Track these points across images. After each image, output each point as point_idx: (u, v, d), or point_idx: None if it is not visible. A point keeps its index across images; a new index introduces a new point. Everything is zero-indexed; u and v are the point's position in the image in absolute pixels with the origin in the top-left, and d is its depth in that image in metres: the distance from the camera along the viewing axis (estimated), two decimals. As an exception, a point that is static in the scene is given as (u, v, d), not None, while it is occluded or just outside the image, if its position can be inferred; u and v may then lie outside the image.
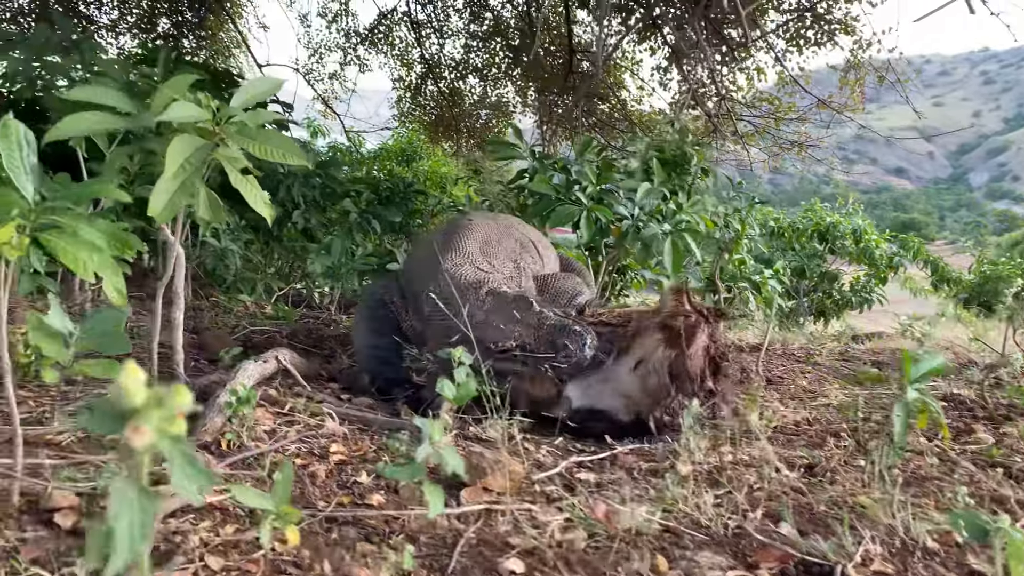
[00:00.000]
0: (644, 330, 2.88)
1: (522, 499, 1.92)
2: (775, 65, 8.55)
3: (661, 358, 2.82)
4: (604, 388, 2.83)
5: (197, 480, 0.66)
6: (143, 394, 0.62)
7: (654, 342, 2.84)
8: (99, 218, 1.56)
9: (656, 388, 2.78)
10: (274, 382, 2.89)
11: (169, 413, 0.62)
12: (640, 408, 2.79)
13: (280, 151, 2.21)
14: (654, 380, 2.80)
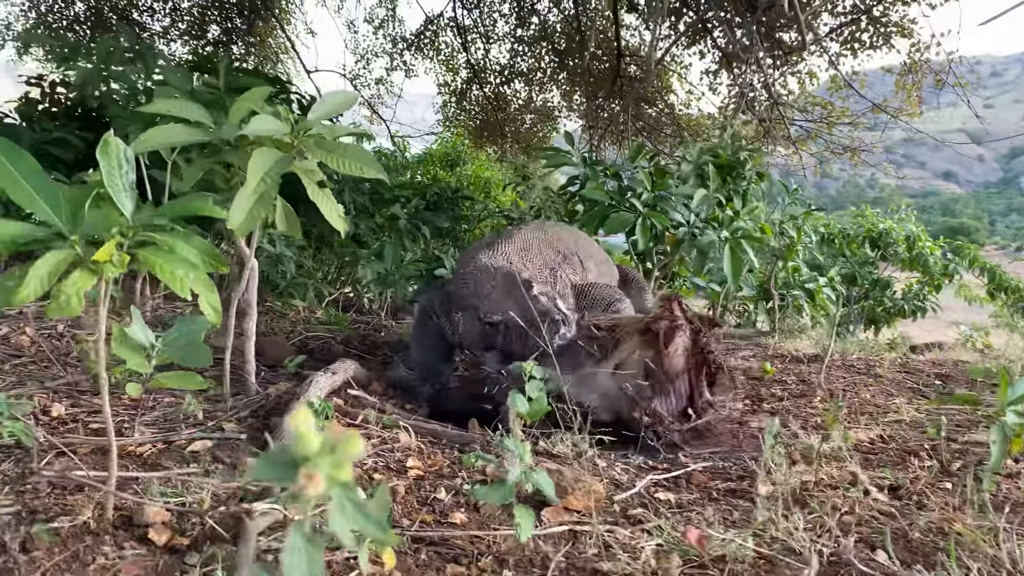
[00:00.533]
0: (627, 334, 2.96)
1: (605, 520, 1.88)
2: (828, 69, 8.40)
3: (638, 359, 2.89)
4: (586, 386, 2.91)
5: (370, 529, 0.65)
6: (317, 441, 0.60)
7: (634, 345, 2.93)
8: (193, 235, 1.56)
9: (633, 388, 2.84)
10: (341, 393, 2.89)
11: (339, 460, 0.61)
12: (619, 408, 2.86)
13: (358, 164, 2.21)
14: (629, 380, 2.85)
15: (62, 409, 2.43)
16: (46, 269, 1.37)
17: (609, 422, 2.81)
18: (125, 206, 1.50)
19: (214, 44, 11.62)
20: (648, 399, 2.84)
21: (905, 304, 10.54)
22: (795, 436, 2.75)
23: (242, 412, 2.51)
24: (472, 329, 3.27)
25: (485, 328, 3.20)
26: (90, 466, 1.91)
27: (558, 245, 4.02)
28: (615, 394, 2.83)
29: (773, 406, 3.80)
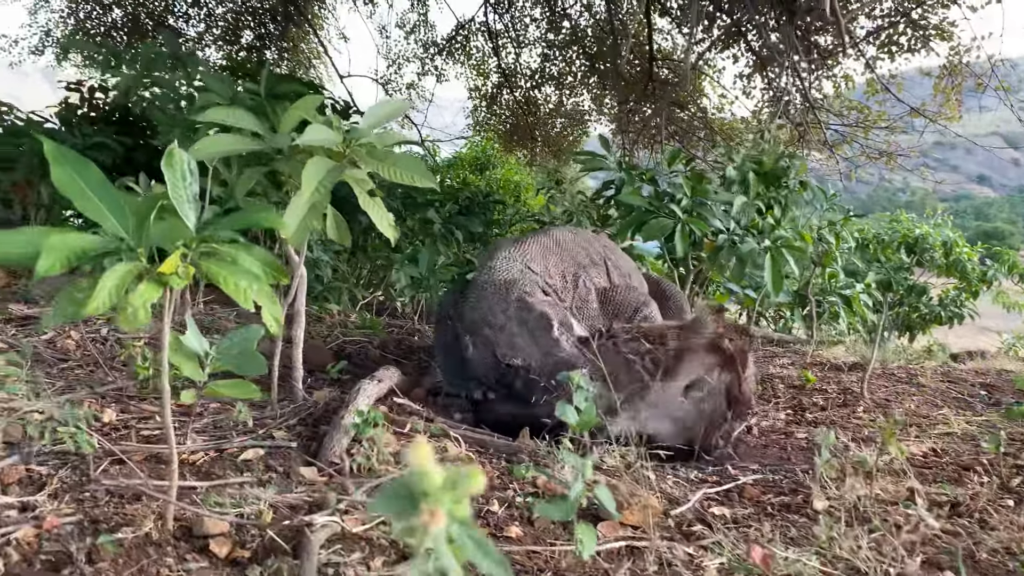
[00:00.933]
0: (690, 351, 2.82)
1: (662, 535, 1.85)
2: (865, 72, 8.28)
3: (718, 382, 2.78)
4: (652, 413, 2.76)
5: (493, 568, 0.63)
6: (440, 476, 0.59)
7: (706, 365, 2.79)
8: (255, 246, 1.56)
9: (712, 413, 2.72)
10: (386, 400, 2.89)
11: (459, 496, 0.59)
12: (694, 434, 2.74)
13: (409, 173, 2.20)
14: (710, 405, 2.74)
15: (113, 415, 2.45)
16: (114, 281, 1.37)
17: (678, 448, 2.72)
18: (189, 217, 1.50)
19: (248, 49, 11.75)
20: (728, 423, 2.76)
21: (942, 311, 10.36)
22: (845, 448, 2.70)
23: (291, 420, 2.51)
24: (484, 362, 3.11)
25: (501, 367, 3.03)
26: (145, 474, 1.91)
27: (587, 248, 3.96)
28: (691, 419, 2.72)
29: (816, 416, 3.75)
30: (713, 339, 2.78)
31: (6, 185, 5.56)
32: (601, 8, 10.01)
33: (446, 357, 3.62)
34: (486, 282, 3.33)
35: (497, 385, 3.03)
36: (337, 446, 2.19)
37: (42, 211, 5.78)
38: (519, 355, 2.95)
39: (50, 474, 1.87)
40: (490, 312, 3.14)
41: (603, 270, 3.88)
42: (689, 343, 2.81)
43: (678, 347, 2.82)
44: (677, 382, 2.75)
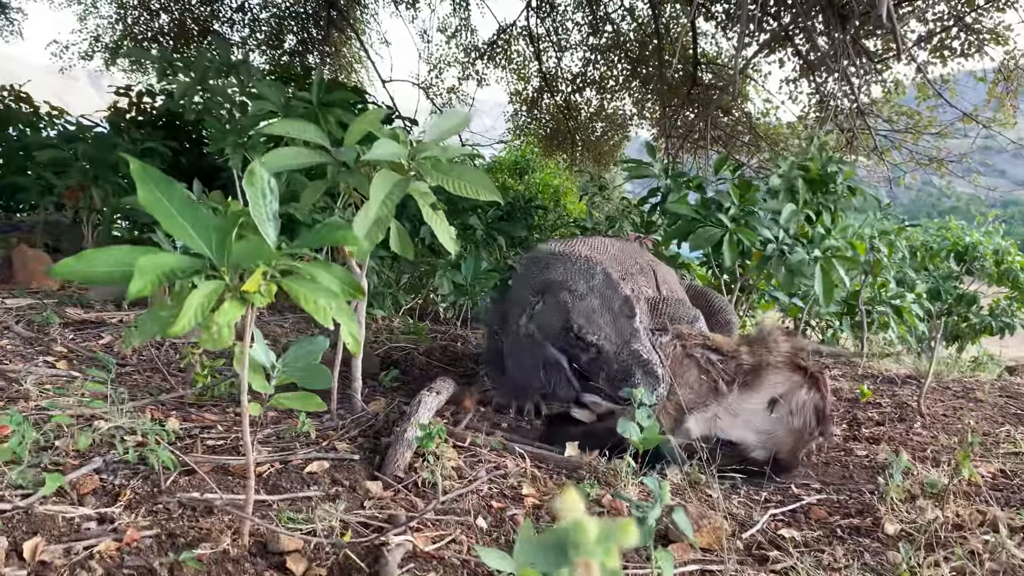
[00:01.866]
0: (769, 367, 2.83)
1: (735, 559, 1.82)
2: (916, 77, 8.13)
3: (805, 400, 2.77)
4: (734, 421, 2.78)
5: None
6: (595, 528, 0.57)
7: (791, 382, 2.80)
8: (333, 264, 1.56)
9: (802, 429, 2.73)
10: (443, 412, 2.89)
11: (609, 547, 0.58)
12: (780, 447, 2.73)
13: (474, 186, 2.20)
14: (799, 421, 2.73)
15: (177, 424, 2.48)
16: (200, 300, 1.38)
17: (761, 460, 2.70)
18: (269, 235, 1.51)
19: (290, 54, 11.90)
20: (816, 439, 2.75)
21: (992, 321, 10.10)
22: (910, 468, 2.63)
23: (351, 431, 2.51)
24: (550, 325, 2.99)
25: (570, 336, 2.93)
26: (214, 485, 1.93)
27: (634, 257, 3.91)
28: (779, 433, 2.71)
29: (873, 432, 3.67)
30: (793, 357, 2.77)
31: (59, 189, 5.68)
32: (644, 12, 9.96)
33: (496, 368, 3.60)
34: (563, 252, 3.25)
35: (559, 351, 2.98)
36: (401, 460, 2.18)
37: (93, 214, 5.90)
38: (596, 332, 2.88)
39: (122, 484, 1.89)
40: (570, 278, 3.05)
41: (652, 280, 3.82)
42: (767, 358, 2.80)
43: (756, 361, 2.82)
44: (759, 394, 2.76)
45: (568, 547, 0.59)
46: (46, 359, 3.18)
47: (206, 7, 11.50)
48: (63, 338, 3.58)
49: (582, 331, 2.89)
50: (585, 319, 2.90)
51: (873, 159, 8.90)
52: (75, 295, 4.62)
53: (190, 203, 1.44)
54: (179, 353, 3.65)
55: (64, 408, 2.33)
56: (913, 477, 2.53)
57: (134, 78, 11.50)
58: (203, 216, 1.45)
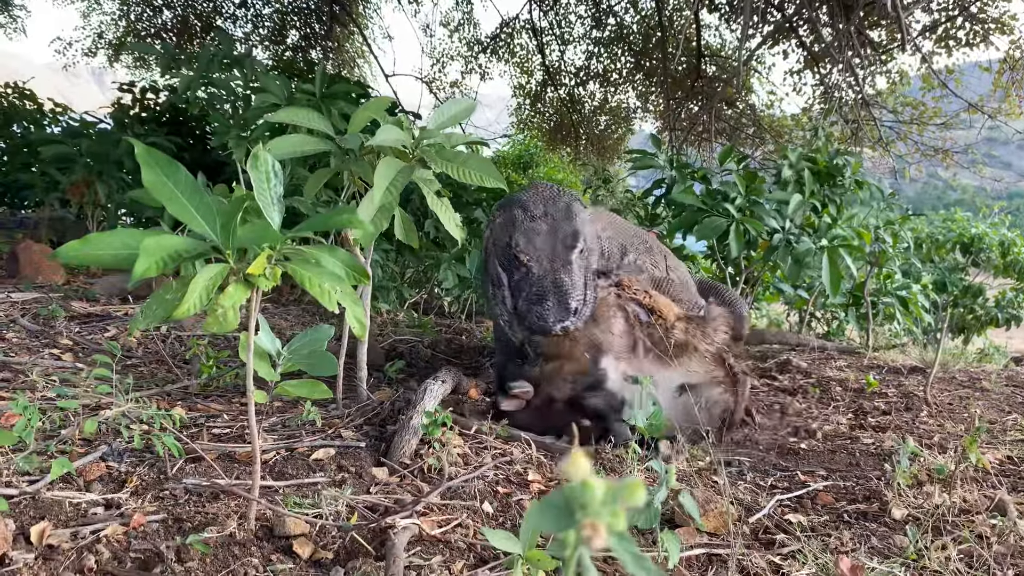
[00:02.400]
0: (695, 352, 2.81)
1: (741, 543, 1.81)
2: (920, 68, 8.09)
3: (718, 400, 2.80)
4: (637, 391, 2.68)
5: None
6: (602, 488, 0.57)
7: (710, 377, 2.81)
8: (339, 248, 1.56)
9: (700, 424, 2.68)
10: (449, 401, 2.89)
11: (615, 509, 0.57)
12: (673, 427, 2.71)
13: (478, 173, 2.19)
14: (704, 417, 2.71)
15: (183, 413, 2.48)
16: (204, 283, 1.38)
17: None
18: (274, 219, 1.51)
19: (293, 49, 11.89)
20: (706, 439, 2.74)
21: (998, 312, 10.07)
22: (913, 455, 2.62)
23: (357, 419, 2.52)
24: (499, 241, 2.93)
25: (509, 253, 2.83)
26: (221, 471, 1.93)
27: (644, 238, 3.87)
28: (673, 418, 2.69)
29: (879, 420, 3.66)
30: (723, 352, 2.75)
31: (64, 185, 5.69)
32: (648, 4, 9.93)
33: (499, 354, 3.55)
34: (543, 185, 3.21)
35: (502, 268, 2.91)
36: (407, 447, 2.18)
37: (98, 210, 5.91)
38: (530, 252, 2.79)
39: (129, 471, 1.90)
40: (531, 201, 2.98)
41: (661, 263, 3.79)
42: (698, 343, 2.78)
43: (685, 340, 2.79)
44: (673, 374, 2.74)
45: (575, 508, 0.58)
46: (52, 351, 3.19)
47: (209, 3, 11.50)
48: (69, 331, 3.58)
49: (517, 247, 2.81)
50: (525, 238, 2.83)
51: (878, 151, 8.86)
52: (81, 289, 4.63)
53: (195, 186, 1.44)
54: (184, 345, 3.65)
55: (70, 396, 2.33)
56: (920, 463, 2.52)
57: (138, 74, 11.51)
58: (207, 200, 1.45)
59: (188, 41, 11.14)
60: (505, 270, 2.89)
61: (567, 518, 0.58)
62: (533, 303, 2.65)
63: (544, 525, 0.59)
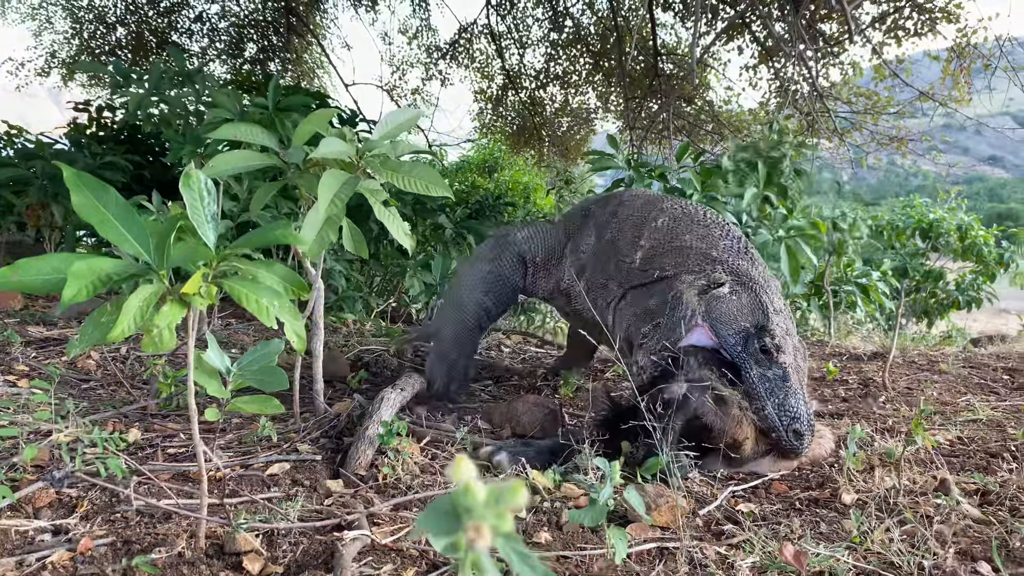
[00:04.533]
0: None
1: (691, 535, 1.84)
2: (872, 59, 8.24)
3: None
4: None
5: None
6: (484, 491, 0.59)
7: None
8: (275, 263, 1.56)
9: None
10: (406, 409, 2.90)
11: (501, 510, 0.59)
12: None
13: (424, 182, 2.21)
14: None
15: (138, 434, 2.47)
16: (138, 304, 1.38)
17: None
18: (209, 237, 1.51)
19: (252, 62, 11.82)
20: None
21: (959, 295, 10.28)
22: (870, 440, 2.68)
23: (314, 433, 2.52)
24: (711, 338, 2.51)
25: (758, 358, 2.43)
26: (174, 492, 1.92)
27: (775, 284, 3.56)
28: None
29: (838, 407, 3.72)
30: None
31: (20, 208, 5.60)
32: (603, 5, 10.00)
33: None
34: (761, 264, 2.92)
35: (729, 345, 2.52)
36: (363, 458, 2.19)
37: (56, 232, 5.83)
38: (787, 355, 2.46)
39: (80, 496, 1.88)
40: (771, 287, 2.71)
41: None
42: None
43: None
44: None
45: (460, 512, 0.60)
46: (7, 378, 3.15)
47: (163, 19, 11.39)
48: (25, 356, 3.53)
49: (776, 344, 2.45)
50: (782, 333, 2.52)
51: (835, 141, 9.01)
52: (38, 314, 4.56)
53: (125, 207, 1.43)
54: (144, 366, 3.62)
55: (22, 424, 2.31)
56: (871, 449, 2.58)
57: (93, 93, 11.37)
58: (140, 220, 1.45)
59: (144, 58, 11.02)
60: (735, 355, 2.48)
61: (454, 521, 0.59)
62: (792, 419, 2.35)
63: (433, 529, 0.61)
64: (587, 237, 3.23)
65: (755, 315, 2.53)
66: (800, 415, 2.35)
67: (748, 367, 2.44)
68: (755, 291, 2.63)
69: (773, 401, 2.36)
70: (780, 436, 2.34)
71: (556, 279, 3.27)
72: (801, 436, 2.34)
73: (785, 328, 2.56)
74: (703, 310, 2.57)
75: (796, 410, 2.36)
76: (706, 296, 2.60)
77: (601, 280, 2.96)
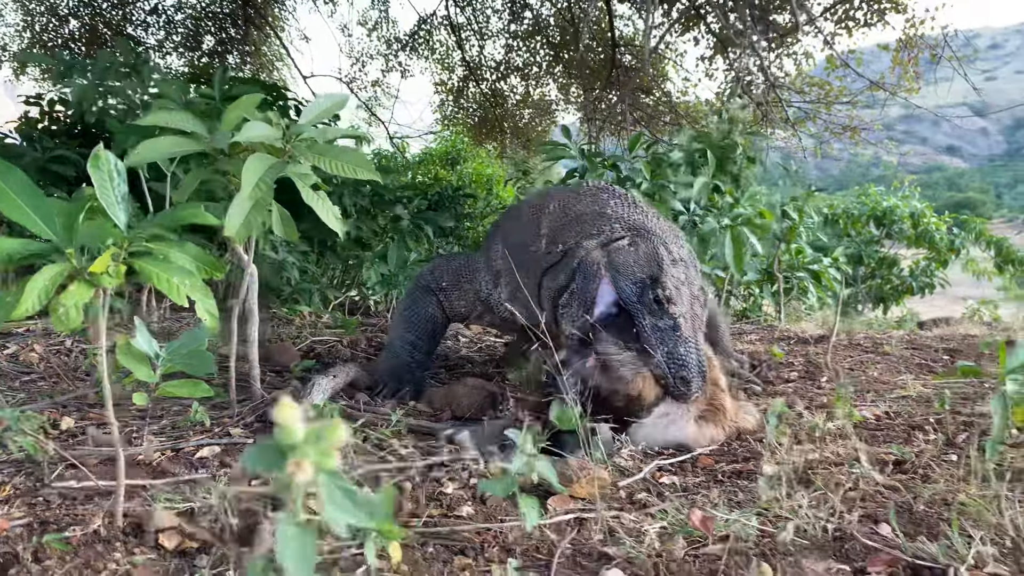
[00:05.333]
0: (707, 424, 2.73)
1: (611, 506, 1.89)
2: (824, 49, 8.38)
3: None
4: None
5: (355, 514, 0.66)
6: (302, 430, 0.62)
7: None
8: (187, 243, 1.58)
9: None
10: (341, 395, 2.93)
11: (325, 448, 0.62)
12: None
13: (351, 166, 2.23)
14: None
15: (71, 422, 2.47)
16: (42, 283, 1.39)
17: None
18: (119, 218, 1.52)
19: (210, 55, 11.68)
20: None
21: (913, 281, 10.52)
22: (800, 416, 2.75)
23: (248, 417, 2.53)
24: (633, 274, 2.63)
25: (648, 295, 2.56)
26: (100, 476, 1.93)
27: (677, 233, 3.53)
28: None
29: (780, 388, 3.81)
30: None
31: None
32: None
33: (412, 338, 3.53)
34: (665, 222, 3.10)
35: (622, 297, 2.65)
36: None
37: (5, 227, 5.74)
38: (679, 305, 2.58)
39: (3, 482, 1.89)
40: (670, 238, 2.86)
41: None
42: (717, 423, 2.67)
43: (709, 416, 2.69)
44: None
45: (284, 450, 0.63)
46: (-61, 371, 3.12)
47: (117, 11, 11.21)
48: (-41, 350, 3.50)
49: (667, 294, 2.56)
50: (674, 285, 2.61)
51: (789, 131, 9.15)
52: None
53: (30, 188, 1.44)
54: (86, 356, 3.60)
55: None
56: (800, 424, 2.65)
57: (46, 86, 11.16)
58: (47, 201, 1.46)
59: (98, 50, 10.83)
60: (631, 306, 2.60)
61: (278, 458, 0.63)
62: (680, 366, 2.46)
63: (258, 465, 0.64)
64: (496, 245, 3.40)
65: (650, 266, 2.68)
66: (688, 363, 2.48)
67: (642, 317, 2.58)
68: (652, 242, 2.79)
69: (663, 349, 2.49)
70: (668, 383, 2.47)
71: (473, 293, 3.41)
72: (688, 383, 2.47)
73: (681, 278, 2.71)
74: (605, 262, 2.73)
75: (685, 358, 2.49)
76: (607, 248, 2.77)
77: (519, 279, 3.08)
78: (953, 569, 1.49)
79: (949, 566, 1.50)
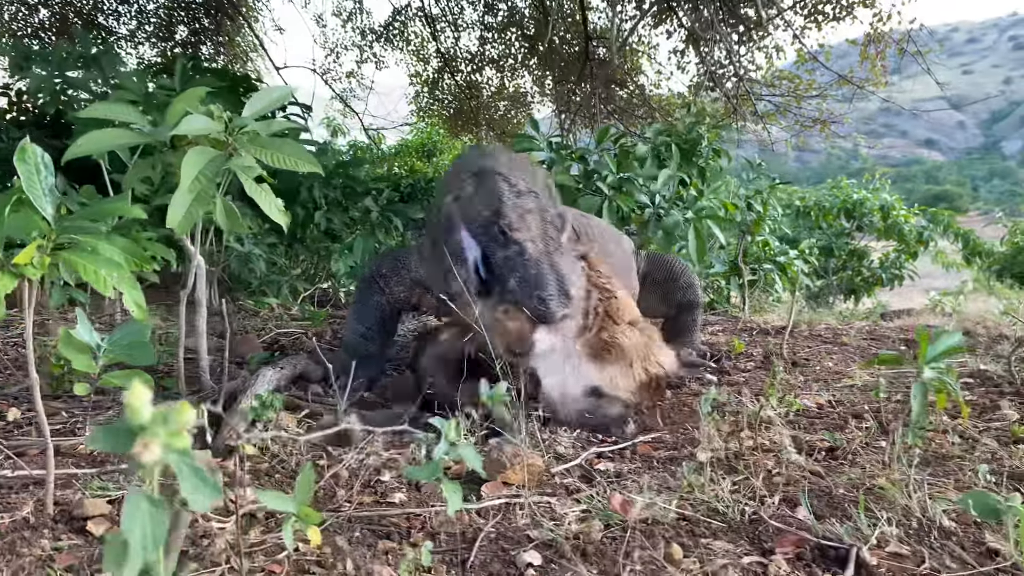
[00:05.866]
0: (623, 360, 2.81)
1: (542, 492, 1.94)
2: (794, 43, 8.45)
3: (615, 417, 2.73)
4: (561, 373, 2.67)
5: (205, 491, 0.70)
6: (149, 412, 0.66)
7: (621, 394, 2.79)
8: (117, 234, 1.61)
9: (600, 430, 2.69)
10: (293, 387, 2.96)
11: (175, 429, 0.66)
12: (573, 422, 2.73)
13: (293, 159, 2.25)
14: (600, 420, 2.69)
15: (18, 413, 2.49)
16: (-35, 274, 1.41)
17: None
18: (46, 210, 1.54)
19: (182, 45, 11.58)
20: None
21: (883, 273, 10.64)
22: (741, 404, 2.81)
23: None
24: (479, 213, 2.77)
25: (494, 229, 2.69)
26: (40, 467, 1.96)
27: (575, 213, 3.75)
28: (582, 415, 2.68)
29: (735, 378, 3.87)
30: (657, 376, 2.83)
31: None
32: (535, -12, 10.06)
33: (361, 327, 3.56)
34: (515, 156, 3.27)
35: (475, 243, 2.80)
36: (233, 431, 2.24)
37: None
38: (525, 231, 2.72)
39: (-60, 473, 1.91)
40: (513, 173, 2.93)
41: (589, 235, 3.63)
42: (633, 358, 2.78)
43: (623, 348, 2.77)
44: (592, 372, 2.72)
45: (135, 431, 0.67)
46: None
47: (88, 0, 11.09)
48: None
49: (508, 224, 2.69)
50: (517, 215, 2.72)
51: (759, 124, 9.23)
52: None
53: (-47, 181, 1.46)
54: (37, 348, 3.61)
55: None
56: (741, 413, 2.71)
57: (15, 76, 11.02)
58: (-30, 193, 1.48)
59: (69, 40, 10.71)
60: (484, 245, 2.74)
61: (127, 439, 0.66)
62: (534, 287, 2.53)
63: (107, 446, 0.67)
64: (426, 237, 3.53)
65: (491, 201, 2.80)
66: (542, 283, 2.54)
67: (492, 253, 2.69)
68: (492, 180, 2.90)
69: (515, 277, 2.58)
70: (528, 307, 2.53)
71: (409, 278, 3.44)
72: (546, 301, 2.51)
73: (529, 207, 2.82)
74: (459, 215, 2.86)
75: (537, 279, 2.55)
76: (458, 201, 2.91)
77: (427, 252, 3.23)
78: (856, 549, 1.55)
79: (853, 545, 1.56)
